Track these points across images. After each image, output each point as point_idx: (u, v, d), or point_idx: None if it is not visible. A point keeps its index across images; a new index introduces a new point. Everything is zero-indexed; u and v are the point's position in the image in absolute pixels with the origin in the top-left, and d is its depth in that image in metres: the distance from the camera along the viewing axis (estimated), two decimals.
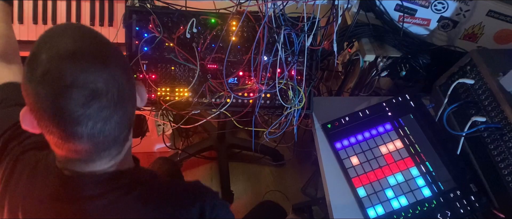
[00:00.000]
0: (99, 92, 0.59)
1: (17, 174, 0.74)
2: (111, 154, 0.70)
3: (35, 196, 0.72)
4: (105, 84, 0.60)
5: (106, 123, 0.62)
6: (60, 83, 0.57)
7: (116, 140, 0.68)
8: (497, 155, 0.99)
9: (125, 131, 0.69)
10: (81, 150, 0.64)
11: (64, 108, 0.58)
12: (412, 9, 1.23)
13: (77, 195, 0.70)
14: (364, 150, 1.12)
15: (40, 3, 1.22)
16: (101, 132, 0.62)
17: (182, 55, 1.08)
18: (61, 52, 0.58)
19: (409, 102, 1.19)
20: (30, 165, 0.74)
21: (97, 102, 0.59)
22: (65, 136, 0.61)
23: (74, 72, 0.57)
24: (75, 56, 0.58)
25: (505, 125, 0.97)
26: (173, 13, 1.06)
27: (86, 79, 0.58)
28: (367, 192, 1.05)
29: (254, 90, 1.11)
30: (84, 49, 0.60)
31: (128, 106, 0.67)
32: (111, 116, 0.62)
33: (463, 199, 1.02)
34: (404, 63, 1.27)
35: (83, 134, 0.61)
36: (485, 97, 1.03)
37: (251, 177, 2.09)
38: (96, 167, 0.70)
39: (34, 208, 0.72)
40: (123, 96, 0.64)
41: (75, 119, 0.59)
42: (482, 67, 1.04)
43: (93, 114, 0.60)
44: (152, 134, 1.82)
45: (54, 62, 0.58)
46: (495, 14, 1.17)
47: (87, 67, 0.58)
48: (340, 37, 1.23)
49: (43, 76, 0.57)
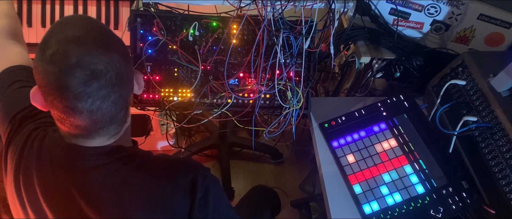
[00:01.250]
0: (99, 73, 0.65)
1: (28, 146, 0.79)
2: (109, 132, 0.75)
3: (45, 165, 0.76)
4: (105, 66, 0.65)
5: (104, 101, 0.67)
6: (66, 62, 0.63)
7: (113, 118, 0.72)
8: (488, 153, 0.99)
9: (122, 111, 0.74)
10: (81, 125, 0.69)
11: (68, 85, 0.63)
12: (406, 13, 1.23)
13: (81, 166, 0.74)
14: (360, 148, 1.12)
15: (48, 7, 1.22)
16: (99, 109, 0.68)
17: (184, 57, 1.08)
18: (69, 37, 0.65)
19: (403, 103, 1.19)
20: (39, 138, 0.79)
21: (96, 81, 0.65)
22: (67, 111, 0.67)
23: (78, 54, 0.63)
24: (80, 40, 0.65)
25: (495, 124, 0.97)
26: (176, 17, 1.06)
27: (89, 61, 0.64)
28: (362, 189, 1.05)
29: (254, 91, 1.11)
30: (89, 36, 0.66)
31: (125, 89, 0.72)
32: (109, 95, 0.68)
33: (455, 196, 1.02)
34: (398, 65, 1.27)
35: (83, 109, 0.66)
36: (476, 98, 1.03)
37: (251, 174, 2.09)
38: (96, 144, 0.75)
39: (46, 175, 0.76)
40: (121, 79, 0.69)
41: (76, 95, 0.64)
42: (473, 69, 1.04)
43: (93, 92, 0.65)
44: (156, 133, 1.82)
45: (62, 45, 0.64)
46: (486, 17, 1.17)
47: (91, 50, 0.65)
48: (337, 40, 1.23)
49: (51, 56, 0.63)
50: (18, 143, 0.80)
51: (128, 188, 0.76)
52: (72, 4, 1.23)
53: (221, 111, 1.11)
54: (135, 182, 0.76)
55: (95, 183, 0.74)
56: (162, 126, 1.80)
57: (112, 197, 0.75)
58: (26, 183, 0.78)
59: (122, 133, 0.78)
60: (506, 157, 0.94)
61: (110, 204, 0.75)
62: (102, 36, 0.69)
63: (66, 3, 1.22)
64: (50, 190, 0.76)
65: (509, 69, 0.93)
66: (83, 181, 0.75)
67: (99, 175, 0.75)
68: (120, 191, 0.75)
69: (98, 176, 0.75)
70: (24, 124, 0.82)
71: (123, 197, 0.75)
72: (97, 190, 0.74)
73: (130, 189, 0.76)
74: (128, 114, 0.79)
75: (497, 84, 0.98)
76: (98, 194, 0.74)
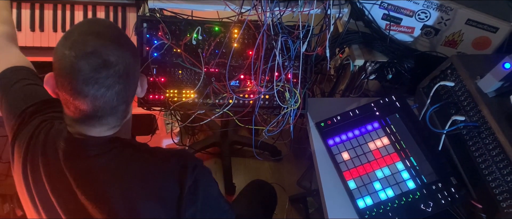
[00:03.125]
0: (110, 63, 0.69)
1: (35, 137, 0.81)
2: (109, 124, 0.77)
3: (49, 154, 0.78)
4: (116, 59, 0.70)
5: (108, 90, 0.70)
6: (83, 49, 0.68)
7: (113, 109, 0.74)
8: (475, 151, 0.99)
9: (123, 106, 0.76)
10: (84, 109, 0.72)
11: (80, 69, 0.67)
12: (397, 18, 1.23)
13: (83, 154, 0.77)
14: (354, 146, 1.12)
15: (59, 13, 1.22)
16: (102, 96, 0.70)
17: (188, 60, 1.08)
18: (90, 30, 0.71)
19: (395, 103, 1.19)
20: (46, 129, 0.81)
21: (106, 70, 0.69)
22: (74, 93, 0.70)
23: (95, 45, 0.69)
24: (99, 35, 0.71)
25: (482, 124, 0.97)
26: (181, 22, 1.06)
27: (103, 52, 0.69)
28: (357, 185, 1.05)
29: (254, 92, 1.11)
30: (106, 32, 0.73)
31: (128, 84, 0.75)
32: (114, 85, 0.71)
33: (444, 191, 1.02)
34: (391, 67, 1.27)
35: (88, 93, 0.69)
36: (464, 98, 1.04)
37: (252, 170, 2.09)
38: (97, 133, 0.77)
39: (50, 163, 0.78)
40: (127, 74, 0.73)
41: (86, 79, 0.68)
42: (461, 71, 1.04)
43: (100, 79, 0.69)
44: (161, 131, 1.81)
45: (82, 36, 0.70)
46: (473, 22, 1.17)
47: (106, 44, 0.70)
48: (332, 43, 1.23)
49: (72, 43, 0.69)
50: (25, 135, 0.81)
51: (124, 174, 0.77)
52: (82, 10, 1.22)
53: (223, 111, 1.11)
54: (130, 169, 0.78)
55: (94, 170, 0.76)
56: (167, 125, 1.80)
57: (110, 183, 0.76)
58: (33, 171, 0.79)
59: (121, 127, 0.80)
60: (492, 154, 0.94)
61: (109, 189, 0.76)
62: (117, 34, 0.75)
63: (76, 8, 1.22)
64: (54, 177, 0.77)
65: (495, 71, 0.93)
66: (84, 169, 0.76)
67: (98, 163, 0.77)
68: (118, 177, 0.77)
69: (97, 164, 0.77)
70: (33, 117, 0.84)
71: (120, 182, 0.77)
72: (96, 177, 0.76)
73: (126, 176, 0.77)
74: (129, 111, 0.81)
75: (484, 85, 0.98)
76: (97, 181, 0.76)
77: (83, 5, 1.23)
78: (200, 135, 2.17)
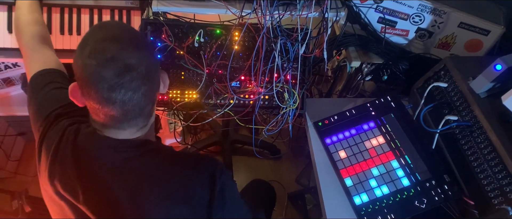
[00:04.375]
0: (132, 66, 0.67)
1: (64, 140, 0.79)
2: (138, 125, 0.76)
3: (80, 157, 0.77)
4: (137, 61, 0.67)
5: (135, 92, 0.69)
6: (103, 56, 0.65)
7: (142, 110, 0.73)
8: (468, 149, 0.99)
9: (150, 105, 0.76)
10: (114, 115, 0.71)
11: (104, 76, 0.65)
12: (392, 21, 1.23)
13: (115, 157, 0.75)
14: (351, 145, 1.12)
15: (66, 16, 1.22)
16: (130, 100, 0.69)
17: (191, 62, 1.08)
18: (105, 36, 0.68)
19: (390, 103, 1.19)
20: (74, 132, 0.79)
21: (129, 74, 0.67)
22: (102, 100, 0.68)
23: (114, 50, 0.66)
24: (116, 39, 0.68)
25: (474, 123, 0.97)
26: (183, 25, 1.07)
27: (123, 56, 0.66)
28: (353, 182, 1.05)
29: (254, 93, 1.11)
30: (123, 36, 0.70)
31: (152, 83, 0.74)
32: (139, 87, 0.69)
33: (438, 188, 1.02)
34: (386, 69, 1.27)
35: (116, 99, 0.68)
36: (457, 99, 1.03)
37: (252, 168, 2.09)
38: (127, 135, 0.76)
39: (81, 165, 0.76)
40: (149, 74, 0.71)
41: (111, 86, 0.66)
42: (454, 72, 1.04)
43: (125, 84, 0.67)
44: (164, 130, 1.82)
45: (99, 43, 0.67)
46: (466, 25, 1.17)
47: (125, 47, 0.67)
48: (330, 46, 1.23)
49: (90, 52, 0.66)
50: (53, 137, 0.80)
51: (156, 178, 0.76)
52: (88, 13, 1.22)
53: (224, 111, 1.11)
54: (162, 174, 0.77)
55: (127, 172, 0.75)
56: (170, 124, 1.80)
57: (142, 185, 0.75)
58: (63, 172, 0.77)
59: (148, 127, 0.80)
60: (484, 152, 0.94)
61: (141, 191, 0.75)
62: (134, 36, 0.73)
63: (82, 12, 1.22)
64: (86, 179, 0.76)
65: (487, 73, 0.93)
66: (116, 171, 0.75)
67: (136, 163, 0.76)
68: (150, 180, 0.76)
69: (136, 164, 0.76)
70: (58, 120, 0.83)
71: (152, 185, 0.76)
72: (129, 179, 0.75)
73: (158, 179, 0.77)
74: (154, 109, 0.81)
75: (476, 86, 0.98)
76: (130, 183, 0.75)
77: (89, 9, 1.23)
78: (202, 134, 2.18)
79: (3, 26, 1.19)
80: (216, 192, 0.78)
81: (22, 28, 1.02)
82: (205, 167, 0.80)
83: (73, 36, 1.23)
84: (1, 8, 1.19)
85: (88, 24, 1.23)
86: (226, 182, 0.81)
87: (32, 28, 1.01)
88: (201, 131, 2.17)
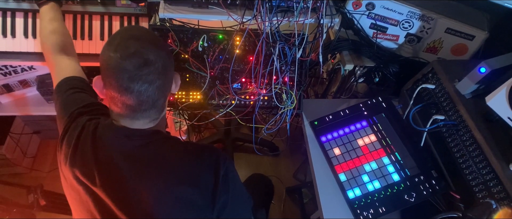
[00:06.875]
0: (150, 61, 0.72)
1: (84, 133, 0.82)
2: (150, 116, 0.79)
3: (99, 146, 0.80)
4: (154, 57, 0.72)
5: (150, 85, 0.73)
6: (126, 51, 0.71)
7: (155, 103, 0.77)
8: (454, 147, 0.99)
9: (162, 99, 0.79)
10: (130, 104, 0.75)
11: (125, 68, 0.71)
12: (384, 27, 1.23)
13: (129, 144, 0.79)
14: (345, 142, 1.12)
15: (79, 21, 1.22)
16: (146, 91, 0.73)
17: (195, 65, 1.08)
18: (129, 36, 0.74)
19: (381, 104, 1.19)
20: (93, 125, 0.83)
21: (147, 68, 0.72)
22: (121, 90, 0.72)
23: (136, 46, 0.72)
24: (138, 38, 0.74)
25: (460, 122, 0.97)
26: (188, 30, 1.06)
27: (144, 52, 0.72)
28: (347, 177, 1.05)
29: (254, 94, 1.11)
30: (145, 36, 0.76)
31: (167, 80, 0.78)
32: (155, 81, 0.73)
33: (426, 183, 1.02)
34: (377, 72, 1.27)
35: (134, 89, 0.72)
36: (444, 99, 1.03)
37: (252, 164, 2.09)
38: (140, 125, 0.80)
39: (100, 153, 0.79)
40: (165, 70, 0.75)
41: (131, 76, 0.71)
42: (441, 74, 1.04)
43: (143, 76, 0.72)
44: (170, 129, 1.81)
45: (124, 40, 0.73)
46: (452, 31, 1.17)
47: (145, 45, 0.73)
48: (325, 50, 1.23)
49: (116, 47, 0.72)
50: (75, 130, 0.83)
51: (167, 162, 0.79)
52: (99, 20, 1.22)
53: (226, 111, 1.11)
54: (172, 159, 0.79)
55: (140, 157, 0.78)
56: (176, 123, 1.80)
57: (155, 169, 0.77)
58: (82, 160, 0.79)
59: (160, 120, 0.83)
60: (469, 149, 0.94)
61: (154, 175, 0.77)
62: (153, 38, 0.78)
63: (94, 18, 1.22)
64: (103, 165, 0.78)
65: (472, 75, 0.93)
66: (130, 157, 0.78)
67: (148, 150, 0.78)
68: (161, 164, 0.78)
69: (148, 151, 0.78)
70: (79, 117, 0.87)
71: (163, 169, 0.78)
72: (142, 163, 0.77)
73: (168, 164, 0.79)
74: (166, 105, 0.84)
75: (461, 88, 0.98)
76: (141, 168, 0.77)
77: (100, 15, 1.23)
78: (206, 133, 2.18)
79: (20, 31, 1.20)
80: (220, 176, 0.80)
81: (43, 38, 1.04)
82: (210, 154, 0.83)
83: (85, 41, 1.22)
84: (18, 15, 1.19)
85: (99, 29, 1.23)
86: (230, 168, 0.83)
87: (51, 38, 1.02)
88: (204, 130, 2.17)
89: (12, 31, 1.19)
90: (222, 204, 0.81)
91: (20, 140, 1.92)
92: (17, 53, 1.20)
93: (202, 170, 0.80)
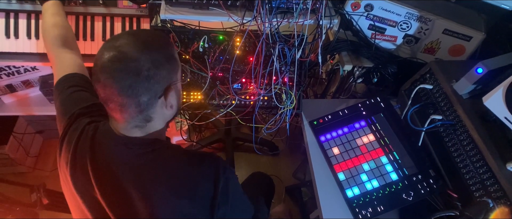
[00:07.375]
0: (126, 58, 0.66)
1: (83, 136, 0.80)
2: (133, 121, 0.74)
3: (96, 151, 0.77)
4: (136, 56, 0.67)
5: (115, 81, 0.67)
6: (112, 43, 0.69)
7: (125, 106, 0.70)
8: (451, 146, 0.99)
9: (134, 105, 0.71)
10: (102, 97, 0.70)
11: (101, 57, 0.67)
12: (382, 28, 1.23)
13: (129, 153, 0.75)
14: (343, 142, 1.12)
15: (81, 23, 1.22)
16: (110, 86, 0.67)
17: (196, 65, 1.08)
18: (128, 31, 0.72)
19: (380, 104, 1.19)
20: (92, 129, 0.81)
21: (119, 64, 0.66)
22: (94, 78, 0.69)
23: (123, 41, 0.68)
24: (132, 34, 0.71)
25: (457, 122, 0.97)
26: (189, 31, 1.06)
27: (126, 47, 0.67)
28: (345, 176, 1.05)
29: (254, 94, 1.11)
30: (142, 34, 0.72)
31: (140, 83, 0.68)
32: (123, 79, 0.67)
33: (424, 182, 1.02)
34: (376, 72, 1.27)
35: (100, 79, 0.68)
36: (441, 100, 1.03)
37: (252, 164, 2.09)
38: (138, 133, 0.76)
39: (97, 159, 0.77)
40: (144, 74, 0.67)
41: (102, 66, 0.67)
42: (439, 75, 1.04)
43: (111, 70, 0.67)
44: (171, 129, 1.82)
45: (120, 34, 0.71)
46: (449, 32, 1.17)
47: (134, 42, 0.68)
48: (324, 51, 1.23)
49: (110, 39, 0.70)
50: (74, 134, 0.81)
51: (165, 173, 0.76)
52: (101, 21, 1.22)
53: (227, 111, 1.11)
54: (170, 169, 0.77)
55: (138, 168, 0.75)
56: (177, 123, 1.80)
57: (153, 179, 0.75)
58: (81, 166, 0.78)
59: (156, 128, 0.78)
60: (467, 149, 0.94)
61: (152, 184, 0.75)
62: (152, 40, 0.72)
63: (96, 20, 1.22)
64: (100, 172, 0.76)
65: (469, 75, 0.93)
66: (129, 167, 0.75)
67: (148, 159, 0.75)
68: (160, 174, 0.76)
69: (147, 160, 0.75)
70: (79, 119, 0.85)
71: (161, 179, 0.75)
72: (139, 173, 0.75)
73: (166, 174, 0.76)
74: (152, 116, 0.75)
75: (459, 88, 0.98)
76: (139, 178, 0.75)
77: (102, 16, 1.23)
78: (206, 132, 2.18)
79: (23, 32, 1.20)
80: (219, 187, 0.77)
81: (44, 32, 1.02)
82: (209, 164, 0.79)
83: (87, 42, 1.23)
84: (21, 16, 1.19)
85: (101, 30, 1.23)
86: (230, 177, 0.80)
87: (52, 32, 1.00)
88: (205, 129, 2.17)
89: (15, 32, 1.19)
90: (220, 215, 0.78)
91: (23, 139, 1.92)
92: (20, 54, 1.20)
93: (202, 181, 0.77)
